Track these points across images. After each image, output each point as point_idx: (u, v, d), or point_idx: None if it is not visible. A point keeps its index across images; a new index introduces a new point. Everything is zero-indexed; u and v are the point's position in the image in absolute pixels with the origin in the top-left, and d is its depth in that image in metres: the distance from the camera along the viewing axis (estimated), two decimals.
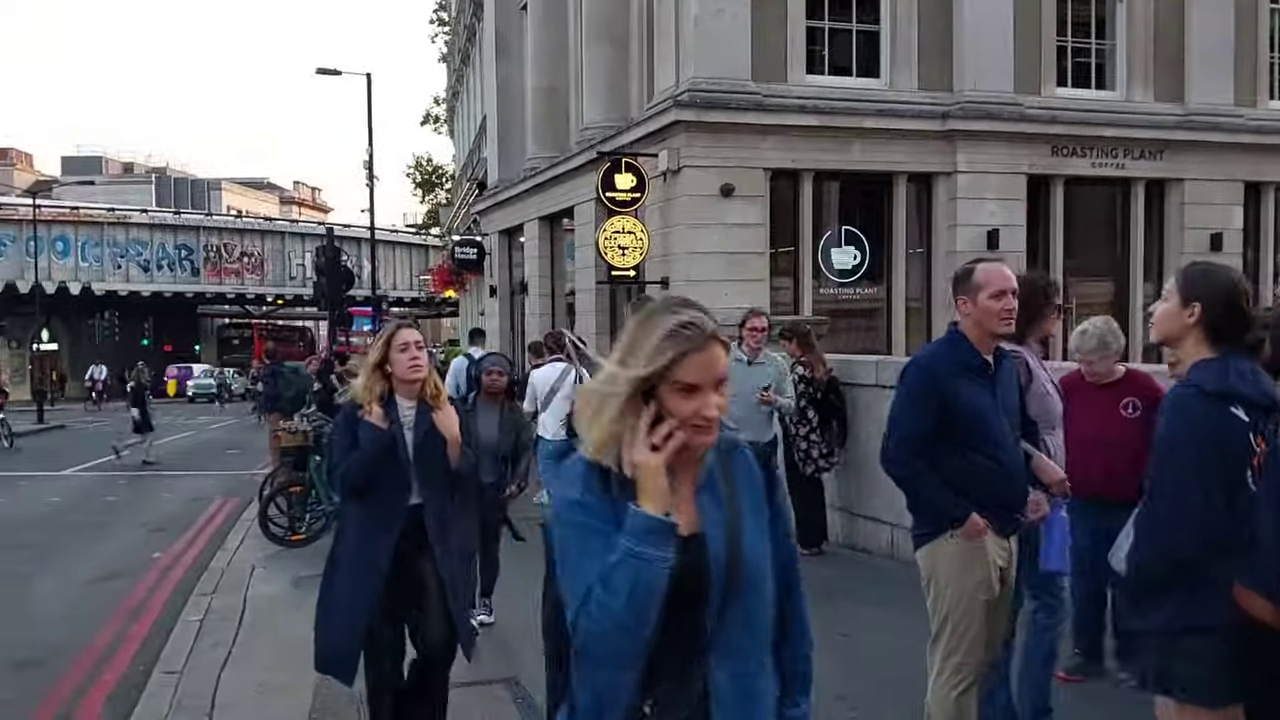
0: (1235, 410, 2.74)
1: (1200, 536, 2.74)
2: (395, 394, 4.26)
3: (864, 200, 14.82)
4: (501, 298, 23.11)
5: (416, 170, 57.30)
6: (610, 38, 16.25)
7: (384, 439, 4.15)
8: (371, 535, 4.19)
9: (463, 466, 4.33)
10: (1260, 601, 2.67)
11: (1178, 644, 2.84)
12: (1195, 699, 2.88)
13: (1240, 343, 2.87)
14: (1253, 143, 15.63)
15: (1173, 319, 2.93)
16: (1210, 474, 2.72)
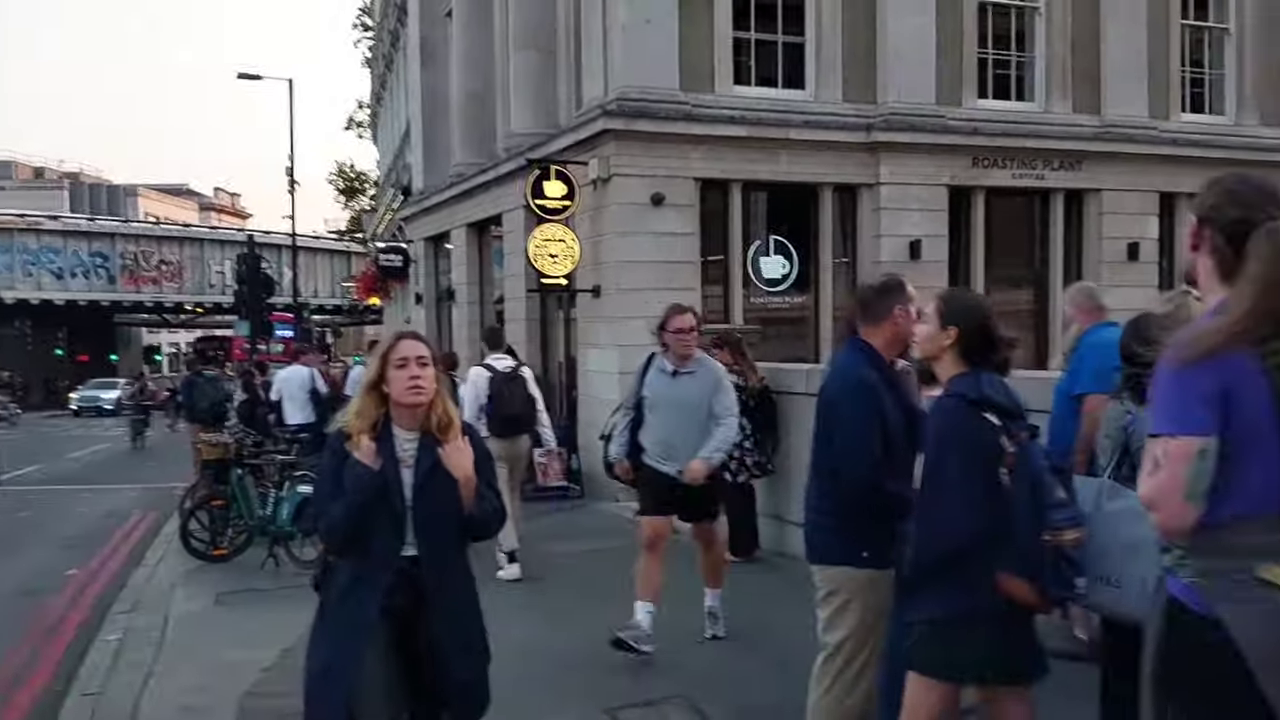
0: (989, 416, 3.15)
1: (970, 530, 3.09)
2: (393, 423, 3.54)
3: (792, 210, 14.94)
4: (427, 305, 22.88)
5: (339, 176, 56.59)
6: (537, 45, 16.19)
7: (374, 481, 3.44)
8: (356, 589, 3.50)
9: (479, 511, 3.57)
10: (1021, 586, 3.08)
11: (951, 630, 3.18)
12: (966, 679, 3.28)
13: (989, 362, 3.30)
14: (1167, 154, 16.08)
15: (933, 340, 3.36)
16: (973, 473, 3.10)
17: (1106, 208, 16.01)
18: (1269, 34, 17.05)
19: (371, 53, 42.49)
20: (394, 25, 30.40)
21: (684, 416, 6.19)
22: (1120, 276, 15.79)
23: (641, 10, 13.35)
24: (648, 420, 6.33)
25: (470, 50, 19.22)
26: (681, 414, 6.19)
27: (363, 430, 3.48)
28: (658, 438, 6.28)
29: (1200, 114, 17.05)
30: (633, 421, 6.42)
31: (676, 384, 6.26)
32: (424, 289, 23.06)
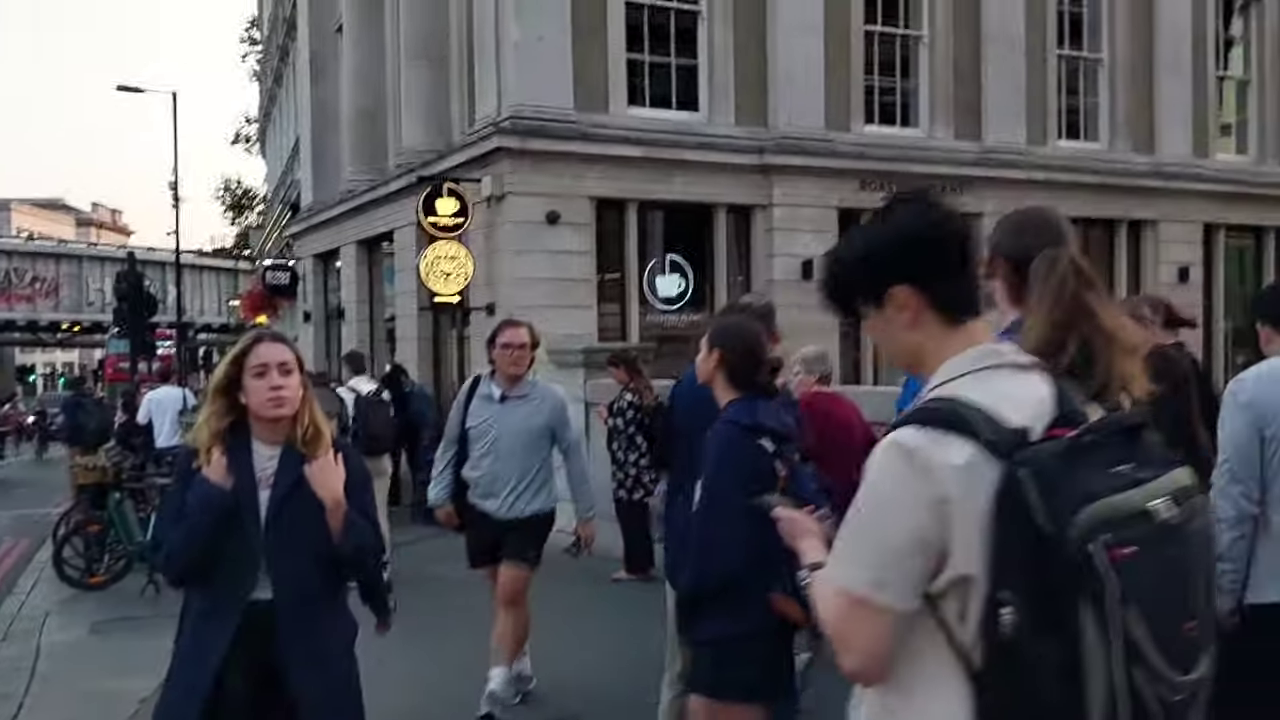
0: (763, 441, 3.26)
1: (744, 554, 3.18)
2: (252, 436, 3.06)
3: (687, 230, 15.08)
4: (316, 324, 22.43)
5: (226, 192, 55.25)
6: (429, 60, 16.06)
7: (221, 502, 2.95)
8: (202, 631, 3.01)
9: (348, 544, 3.01)
10: (794, 606, 3.11)
11: (728, 651, 3.26)
12: (742, 698, 3.35)
13: (753, 385, 3.42)
14: (1044, 179, 16.65)
15: (705, 363, 3.49)
16: (745, 497, 3.10)
17: (988, 231, 16.44)
18: (1140, 65, 17.84)
19: (260, 67, 41.67)
20: (283, 40, 29.85)
21: (513, 448, 5.46)
22: None
23: (534, 28, 13.36)
24: (471, 453, 5.60)
25: (361, 65, 18.98)
26: (511, 445, 5.46)
27: (213, 444, 2.99)
28: (481, 472, 5.56)
29: (1076, 140, 17.74)
30: (455, 458, 5.68)
31: (505, 411, 5.54)
32: (313, 307, 22.61)
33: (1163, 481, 1.57)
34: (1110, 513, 1.49)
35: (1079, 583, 1.47)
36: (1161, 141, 17.95)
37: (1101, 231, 18.10)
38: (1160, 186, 17.74)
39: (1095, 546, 1.47)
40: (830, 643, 1.71)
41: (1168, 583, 1.54)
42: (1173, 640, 1.52)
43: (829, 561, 1.75)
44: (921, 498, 1.57)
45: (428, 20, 16.06)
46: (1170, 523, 1.54)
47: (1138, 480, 1.55)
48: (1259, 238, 19.46)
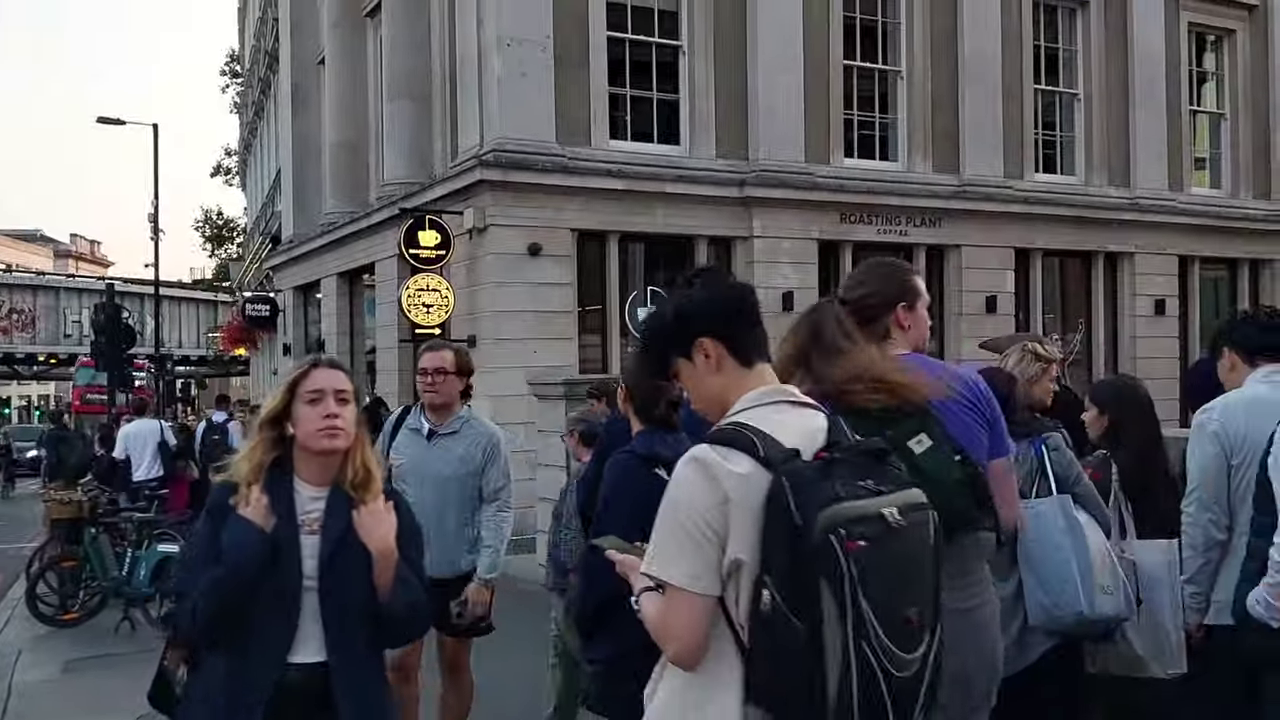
0: (659, 471, 3.31)
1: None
2: (295, 474, 2.72)
3: (668, 261, 15.12)
4: (296, 356, 22.31)
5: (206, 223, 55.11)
6: (411, 94, 16.12)
7: (261, 547, 2.60)
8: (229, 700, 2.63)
9: (398, 602, 2.68)
10: None
11: (616, 669, 3.34)
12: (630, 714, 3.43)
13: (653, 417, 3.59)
14: (1021, 212, 16.83)
15: (623, 401, 3.75)
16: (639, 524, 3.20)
17: (966, 262, 16.64)
18: (1115, 99, 18.06)
19: (240, 99, 41.70)
20: (264, 72, 29.90)
21: (438, 494, 4.70)
22: (979, 328, 16.35)
23: (517, 64, 13.43)
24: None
25: (343, 98, 19.03)
26: (435, 490, 4.69)
27: (254, 480, 2.64)
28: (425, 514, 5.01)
29: (1053, 174, 17.92)
30: None
31: (431, 449, 4.84)
32: (292, 339, 22.53)
33: (897, 496, 1.95)
34: (848, 513, 1.86)
35: (821, 567, 1.83)
36: (1137, 175, 18.16)
37: (1079, 263, 18.26)
38: (1136, 219, 17.94)
39: (834, 538, 1.83)
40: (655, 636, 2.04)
41: (893, 574, 1.89)
42: (896, 622, 1.87)
43: (644, 564, 2.06)
44: (712, 499, 1.94)
45: (410, 54, 16.13)
46: (897, 527, 1.90)
47: (876, 492, 1.93)
48: (1233, 270, 19.67)
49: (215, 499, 2.74)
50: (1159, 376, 17.65)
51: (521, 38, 13.49)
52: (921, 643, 1.92)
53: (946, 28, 16.49)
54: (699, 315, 2.18)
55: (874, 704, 1.85)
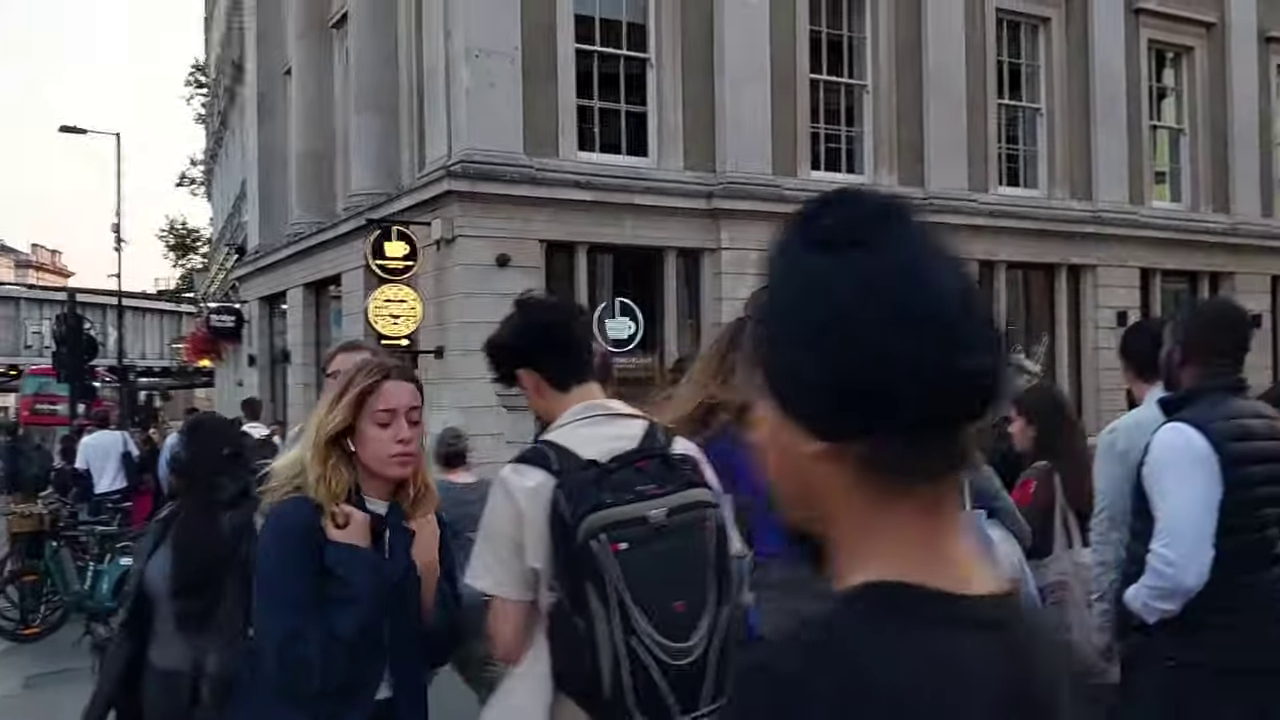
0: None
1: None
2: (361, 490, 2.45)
3: (637, 273, 15.16)
4: (261, 367, 22.18)
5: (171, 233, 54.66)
6: (379, 105, 16.08)
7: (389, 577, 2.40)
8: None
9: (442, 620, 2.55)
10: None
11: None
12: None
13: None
14: (985, 225, 16.98)
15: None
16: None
17: None
18: (1076, 114, 18.30)
19: (206, 109, 41.42)
20: (230, 83, 29.71)
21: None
22: None
23: (485, 75, 13.44)
24: None
25: (310, 108, 18.95)
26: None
27: (338, 499, 2.35)
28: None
29: (1016, 187, 18.12)
30: None
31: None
32: (258, 350, 22.36)
33: (671, 498, 2.15)
34: (611, 518, 2.05)
35: (585, 569, 2.02)
36: (1098, 188, 18.40)
37: (1042, 276, 18.46)
38: (1098, 232, 18.17)
39: (595, 542, 2.02)
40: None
41: (658, 571, 2.05)
42: (665, 615, 2.03)
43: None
44: (509, 514, 2.16)
45: (377, 65, 16.09)
46: (660, 527, 2.08)
47: (645, 496, 2.11)
48: (1194, 283, 19.96)
49: (292, 519, 2.36)
50: (1121, 387, 17.89)
51: (489, 49, 13.50)
52: (695, 630, 2.07)
53: (911, 41, 16.66)
54: (510, 351, 2.43)
55: (649, 694, 2.01)
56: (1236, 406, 3.01)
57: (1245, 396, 3.11)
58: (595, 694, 2.04)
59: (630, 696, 2.01)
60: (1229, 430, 2.91)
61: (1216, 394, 3.02)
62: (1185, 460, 2.87)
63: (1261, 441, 2.96)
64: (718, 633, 2.11)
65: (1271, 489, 2.95)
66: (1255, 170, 20.18)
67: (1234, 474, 2.86)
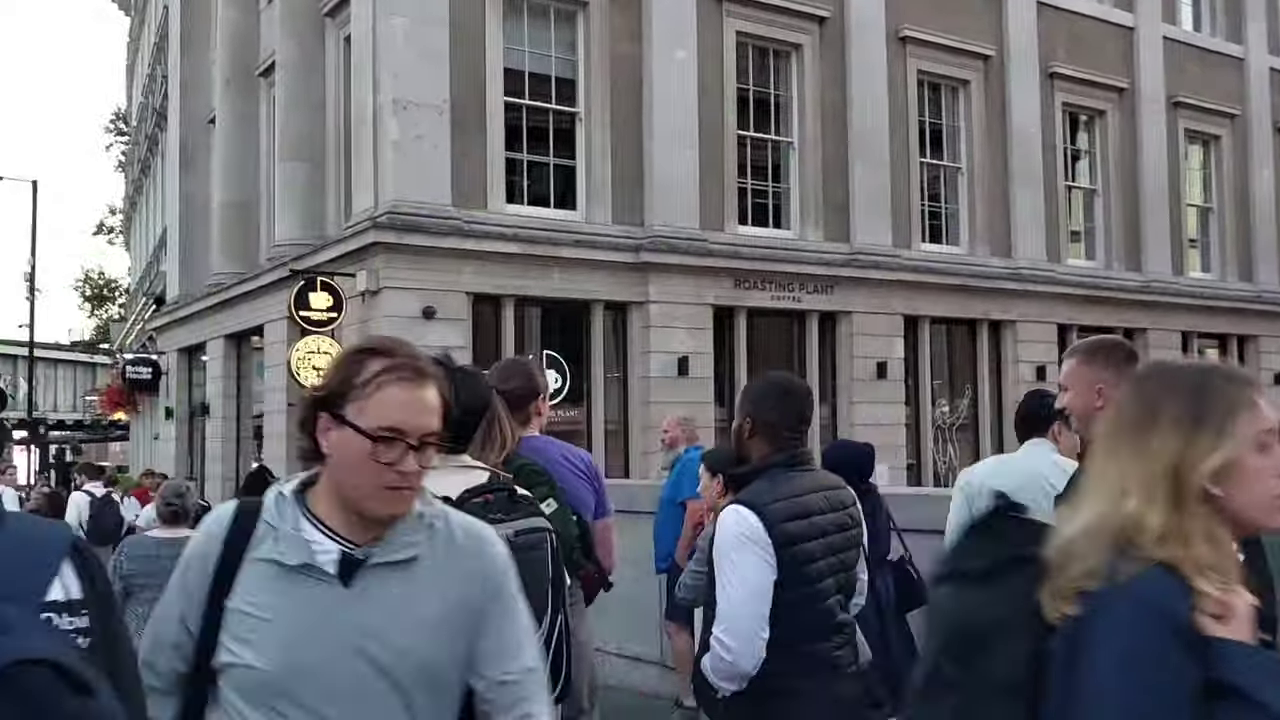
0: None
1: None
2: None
3: (564, 326, 15.12)
4: (179, 420, 21.62)
5: (86, 283, 53.39)
6: (305, 156, 15.92)
7: None
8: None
9: None
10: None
11: None
12: None
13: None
14: (910, 280, 17.27)
15: None
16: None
17: (857, 329, 16.96)
18: (996, 174, 18.78)
19: (126, 157, 40.73)
20: (152, 129, 29.27)
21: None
22: (871, 393, 16.71)
23: (413, 126, 13.38)
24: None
25: (233, 158, 18.71)
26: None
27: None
28: None
29: (939, 244, 18.48)
30: None
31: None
32: (176, 403, 21.81)
33: (519, 522, 2.57)
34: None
35: None
36: (1017, 246, 18.84)
37: (965, 331, 18.79)
38: (1017, 289, 18.57)
39: None
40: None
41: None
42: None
43: None
44: None
45: (304, 117, 15.95)
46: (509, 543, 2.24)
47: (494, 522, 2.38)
48: None
49: (1165, 608, 1.50)
50: None
51: (418, 101, 13.46)
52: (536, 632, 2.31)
53: (836, 101, 16.99)
54: None
55: None
56: (797, 483, 3.10)
57: (810, 469, 3.24)
58: None
59: None
60: (784, 510, 3.01)
61: (779, 470, 3.12)
62: (741, 544, 2.97)
63: (818, 517, 3.07)
64: (553, 636, 2.58)
65: (829, 560, 3.07)
66: (1165, 230, 20.84)
67: (788, 553, 2.96)
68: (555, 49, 15.08)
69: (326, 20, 16.04)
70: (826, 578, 3.07)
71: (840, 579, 3.13)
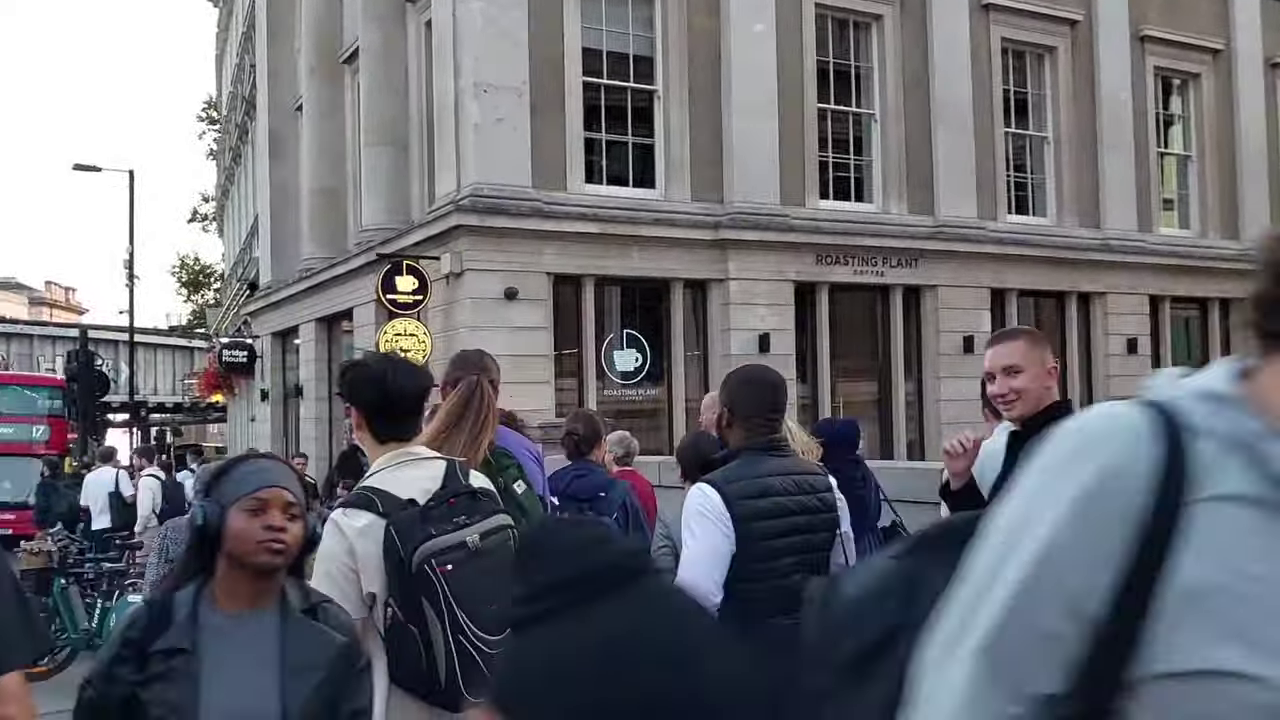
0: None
1: None
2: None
3: (644, 305, 15.18)
4: (274, 402, 22.23)
5: (183, 269, 54.93)
6: (390, 141, 16.20)
7: None
8: None
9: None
10: None
11: None
12: None
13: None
14: (995, 252, 16.98)
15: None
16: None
17: (942, 303, 16.75)
18: (1084, 142, 18.32)
19: (218, 145, 41.78)
20: (241, 118, 29.98)
21: None
22: (957, 368, 16.49)
23: (493, 110, 13.52)
24: None
25: (321, 144, 19.10)
26: None
27: None
28: None
29: (1025, 215, 18.12)
30: None
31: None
32: (270, 385, 22.42)
33: (481, 524, 2.73)
34: (437, 546, 2.61)
35: (421, 589, 2.59)
36: (1106, 216, 18.38)
37: (1053, 303, 18.42)
38: (1106, 260, 18.14)
39: (428, 567, 2.59)
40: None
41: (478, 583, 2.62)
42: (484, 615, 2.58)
43: None
44: (343, 548, 2.68)
45: (388, 102, 16.22)
46: (476, 549, 2.67)
47: (462, 525, 2.69)
48: (1204, 309, 19.89)
49: None
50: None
51: (498, 84, 13.60)
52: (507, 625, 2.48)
53: (918, 71, 16.72)
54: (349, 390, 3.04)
55: (475, 676, 2.58)
56: (763, 466, 3.32)
57: (783, 454, 3.44)
58: (432, 684, 2.63)
59: (460, 680, 2.61)
60: (748, 489, 3.24)
61: (752, 454, 3.34)
62: (701, 517, 3.22)
63: (782, 497, 3.28)
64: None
65: (791, 539, 3.26)
66: (1264, 196, 20.13)
67: (745, 528, 3.18)
68: (633, 26, 15.09)
69: (407, 6, 16.26)
70: (786, 555, 3.24)
71: (806, 559, 3.28)
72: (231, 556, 2.25)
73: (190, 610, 2.23)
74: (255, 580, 2.27)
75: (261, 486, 2.26)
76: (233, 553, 2.24)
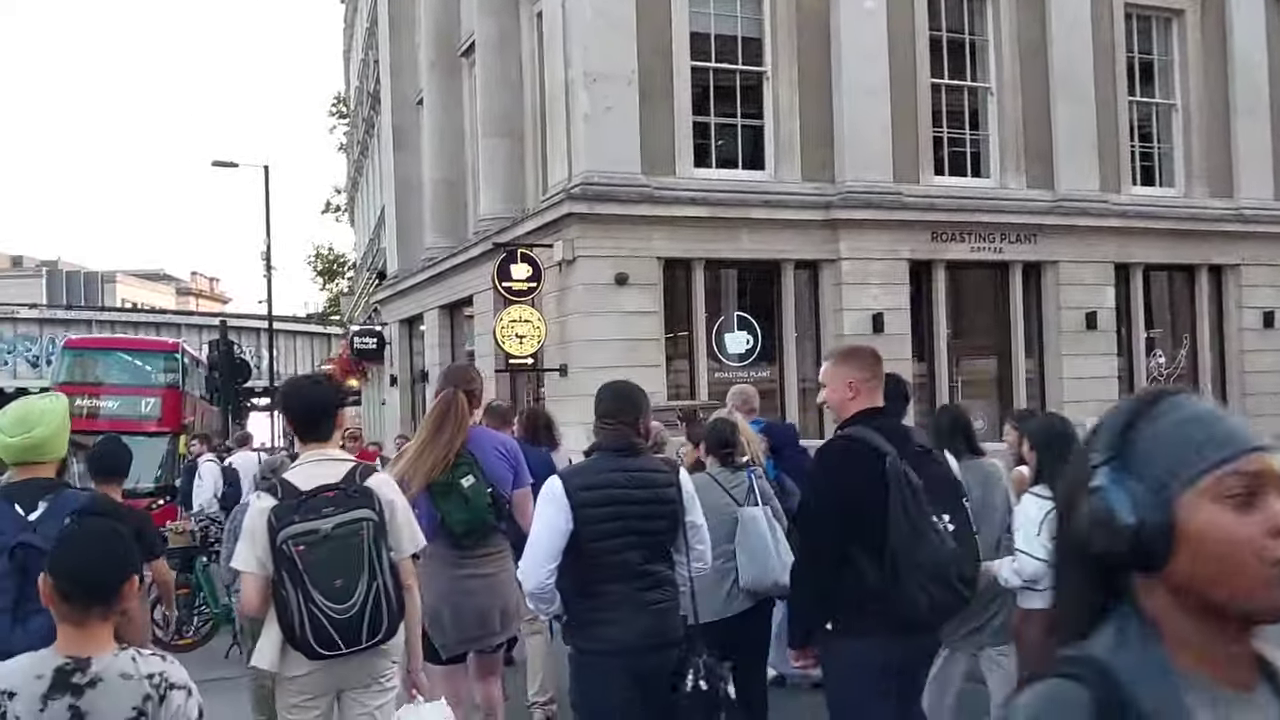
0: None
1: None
2: None
3: (754, 287, 15.23)
4: (402, 386, 23.00)
5: (318, 258, 56.84)
6: (505, 132, 16.58)
7: None
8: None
9: None
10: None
11: None
12: None
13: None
14: (1119, 226, 16.48)
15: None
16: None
17: (1063, 279, 16.34)
18: (1216, 109, 17.60)
19: (347, 139, 43.10)
20: (368, 112, 30.91)
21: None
22: (1080, 345, 16.11)
23: (603, 98, 13.73)
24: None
25: (441, 137, 19.64)
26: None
27: None
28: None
29: (1151, 186, 17.51)
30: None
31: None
32: (399, 370, 23.19)
33: (340, 516, 3.58)
34: (297, 530, 3.53)
35: (282, 563, 3.53)
36: (1241, 185, 17.63)
37: (1183, 277, 17.80)
38: (1240, 230, 17.42)
39: (287, 546, 3.51)
40: None
41: (326, 562, 3.53)
42: (329, 588, 3.51)
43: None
44: (258, 522, 3.62)
45: (503, 94, 16.60)
46: (328, 535, 3.54)
47: (324, 515, 3.56)
48: None
49: None
50: (1268, 391, 17.08)
51: (607, 73, 13.79)
52: (352, 596, 3.52)
53: (1035, 41, 16.31)
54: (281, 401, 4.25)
55: (323, 635, 3.51)
56: (604, 464, 4.01)
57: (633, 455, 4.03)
58: (293, 636, 3.53)
59: (312, 637, 3.51)
60: (587, 481, 3.96)
61: (604, 454, 4.04)
62: (547, 502, 3.93)
63: (613, 489, 3.93)
64: (370, 598, 3.55)
65: (622, 522, 3.89)
66: None
67: (580, 512, 3.86)
68: (741, 8, 15.09)
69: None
70: (618, 536, 3.89)
71: (641, 540, 3.94)
72: (1197, 593, 1.21)
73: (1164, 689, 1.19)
74: (1240, 636, 1.23)
75: (1242, 451, 1.23)
76: (1205, 586, 1.21)
